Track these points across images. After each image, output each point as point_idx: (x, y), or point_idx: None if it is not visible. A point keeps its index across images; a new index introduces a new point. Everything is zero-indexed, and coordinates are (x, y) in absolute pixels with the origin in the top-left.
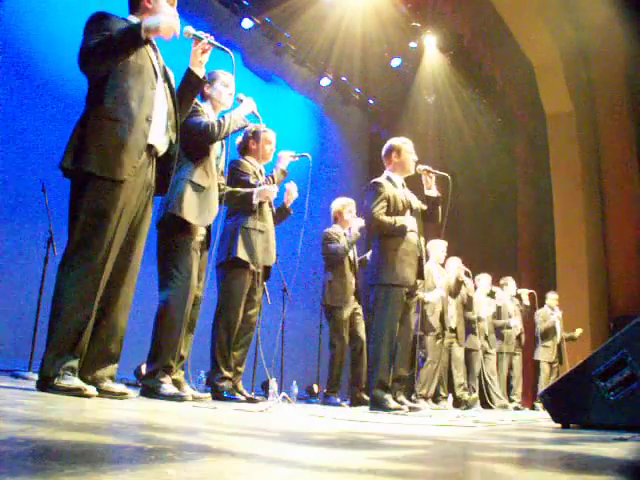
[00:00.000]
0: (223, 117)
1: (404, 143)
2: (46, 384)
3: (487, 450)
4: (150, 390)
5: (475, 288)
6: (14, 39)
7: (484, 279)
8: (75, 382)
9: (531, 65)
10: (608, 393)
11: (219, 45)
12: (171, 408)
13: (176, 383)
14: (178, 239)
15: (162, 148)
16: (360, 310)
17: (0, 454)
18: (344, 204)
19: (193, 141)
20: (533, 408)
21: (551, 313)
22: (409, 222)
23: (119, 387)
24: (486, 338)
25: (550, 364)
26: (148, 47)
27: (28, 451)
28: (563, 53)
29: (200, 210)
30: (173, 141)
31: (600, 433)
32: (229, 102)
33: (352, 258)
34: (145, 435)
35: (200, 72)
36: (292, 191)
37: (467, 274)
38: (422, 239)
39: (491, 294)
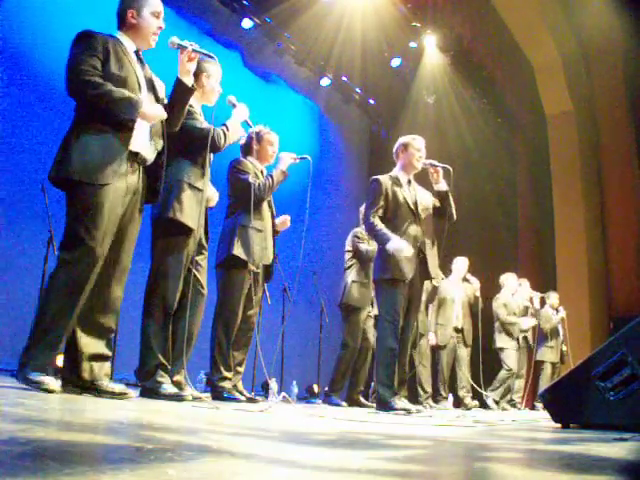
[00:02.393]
0: (225, 125)
1: (413, 139)
2: (19, 373)
3: (487, 450)
4: (150, 390)
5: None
6: (14, 39)
7: (511, 278)
8: (41, 376)
9: (531, 65)
10: (608, 393)
11: (204, 52)
12: (171, 408)
13: (177, 384)
14: (174, 242)
15: (149, 156)
16: (372, 313)
17: (0, 454)
18: None
19: (193, 144)
20: (533, 408)
21: (553, 313)
22: (397, 244)
23: (119, 387)
24: (524, 339)
25: (553, 364)
26: (133, 59)
27: (28, 451)
28: (563, 53)
29: (198, 213)
30: (159, 149)
31: (600, 433)
32: (215, 99)
33: None
34: (145, 435)
35: (189, 81)
36: (286, 221)
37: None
38: (429, 241)
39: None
